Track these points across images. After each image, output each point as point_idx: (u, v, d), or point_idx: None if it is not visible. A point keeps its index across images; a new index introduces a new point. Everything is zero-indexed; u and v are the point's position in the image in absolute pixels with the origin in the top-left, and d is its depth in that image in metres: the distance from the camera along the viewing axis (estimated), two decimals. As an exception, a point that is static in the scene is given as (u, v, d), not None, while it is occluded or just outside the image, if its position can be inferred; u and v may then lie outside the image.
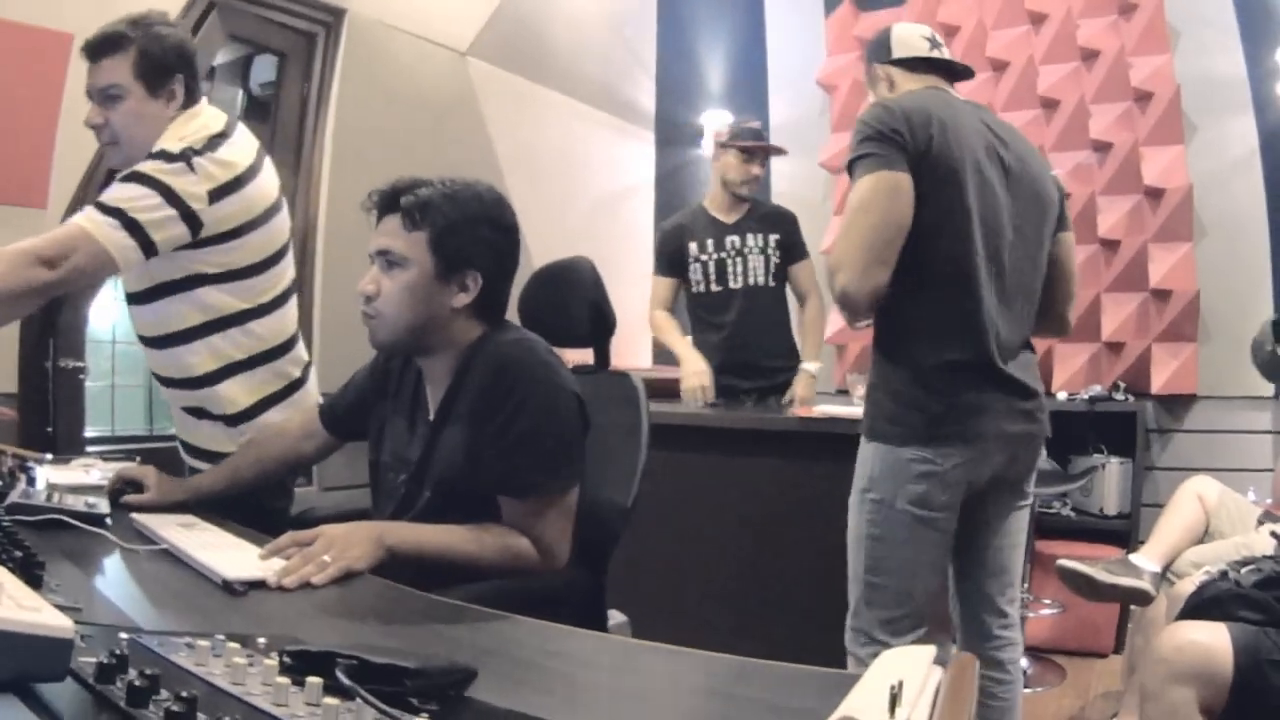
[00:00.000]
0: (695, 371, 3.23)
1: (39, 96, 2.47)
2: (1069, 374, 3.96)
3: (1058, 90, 4.00)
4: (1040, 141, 3.99)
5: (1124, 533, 3.70)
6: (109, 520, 1.53)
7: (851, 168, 1.87)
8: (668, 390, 3.30)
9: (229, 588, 1.20)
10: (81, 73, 2.49)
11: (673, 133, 4.84)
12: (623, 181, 4.81)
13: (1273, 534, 2.27)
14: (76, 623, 0.89)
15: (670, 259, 3.46)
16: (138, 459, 2.24)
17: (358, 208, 2.22)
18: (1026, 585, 3.49)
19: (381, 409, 1.82)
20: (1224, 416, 3.78)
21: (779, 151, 3.51)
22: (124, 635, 0.82)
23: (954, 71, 2.14)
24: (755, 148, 3.34)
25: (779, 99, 4.77)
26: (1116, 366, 3.90)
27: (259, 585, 1.23)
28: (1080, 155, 3.97)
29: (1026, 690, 3.34)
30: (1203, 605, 2.05)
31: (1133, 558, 2.78)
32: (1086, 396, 3.78)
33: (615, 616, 2.08)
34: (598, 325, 2.11)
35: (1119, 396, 3.78)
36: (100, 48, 1.86)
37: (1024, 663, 3.42)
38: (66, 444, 2.47)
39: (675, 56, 4.87)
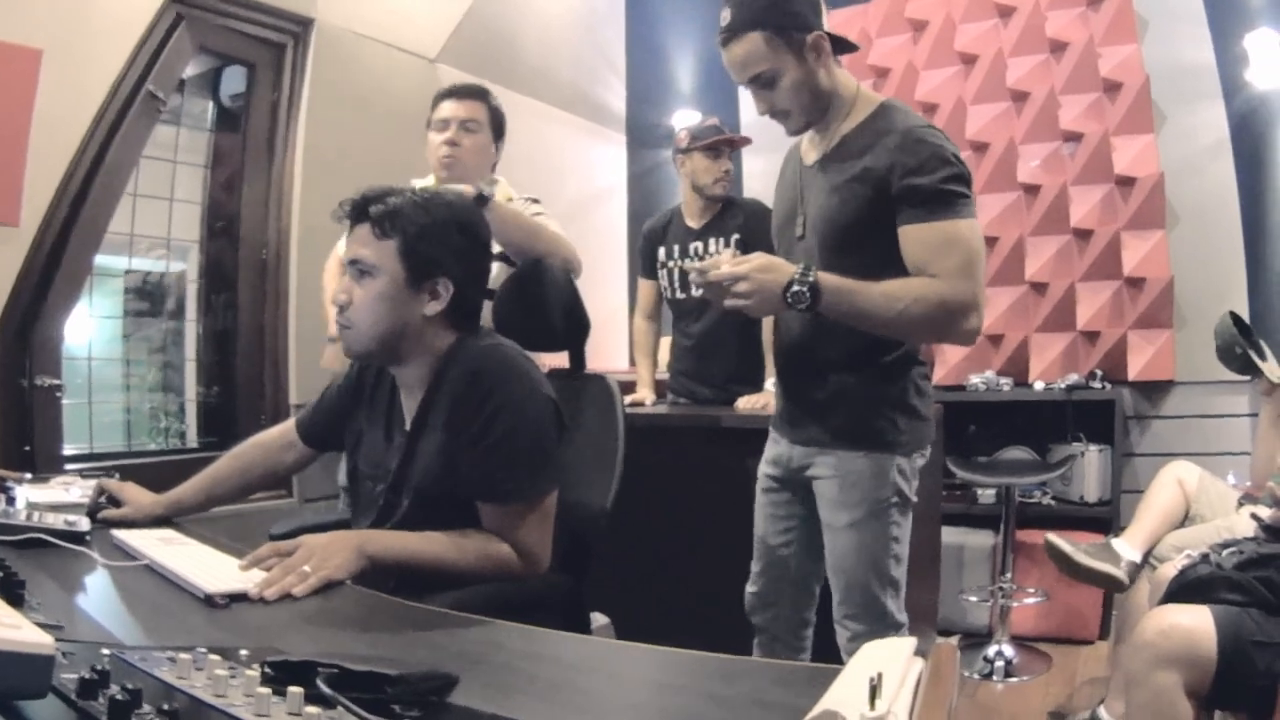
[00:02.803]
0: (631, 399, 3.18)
1: (9, 112, 2.46)
2: (1045, 363, 3.99)
3: (1027, 82, 4.02)
4: (1010, 134, 4.05)
5: (1105, 519, 3.73)
6: (89, 537, 1.54)
7: (955, 198, 1.79)
8: (646, 391, 3.33)
9: (210, 601, 1.21)
10: (52, 87, 2.51)
11: (644, 134, 4.83)
12: (595, 184, 4.80)
13: (1253, 516, 2.30)
14: (58, 640, 0.90)
15: (646, 262, 3.42)
16: (116, 475, 2.25)
17: (329, 217, 2.23)
18: (1010, 575, 3.52)
19: (358, 419, 1.83)
20: (1201, 401, 3.81)
21: (745, 141, 3.40)
22: (106, 651, 0.83)
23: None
24: (719, 142, 3.23)
25: (750, 98, 4.75)
26: (1093, 355, 3.93)
27: (240, 598, 1.23)
28: (1051, 146, 4.00)
29: (1012, 679, 3.37)
30: (1185, 588, 2.07)
31: (1114, 542, 2.81)
32: (1064, 386, 3.81)
33: (598, 619, 2.10)
34: (572, 329, 2.13)
35: (1096, 385, 3.80)
36: (469, 92, 2.56)
37: (1009, 652, 3.47)
38: (45, 463, 2.46)
39: (645, 58, 4.87)
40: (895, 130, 1.83)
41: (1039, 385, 3.90)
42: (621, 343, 4.65)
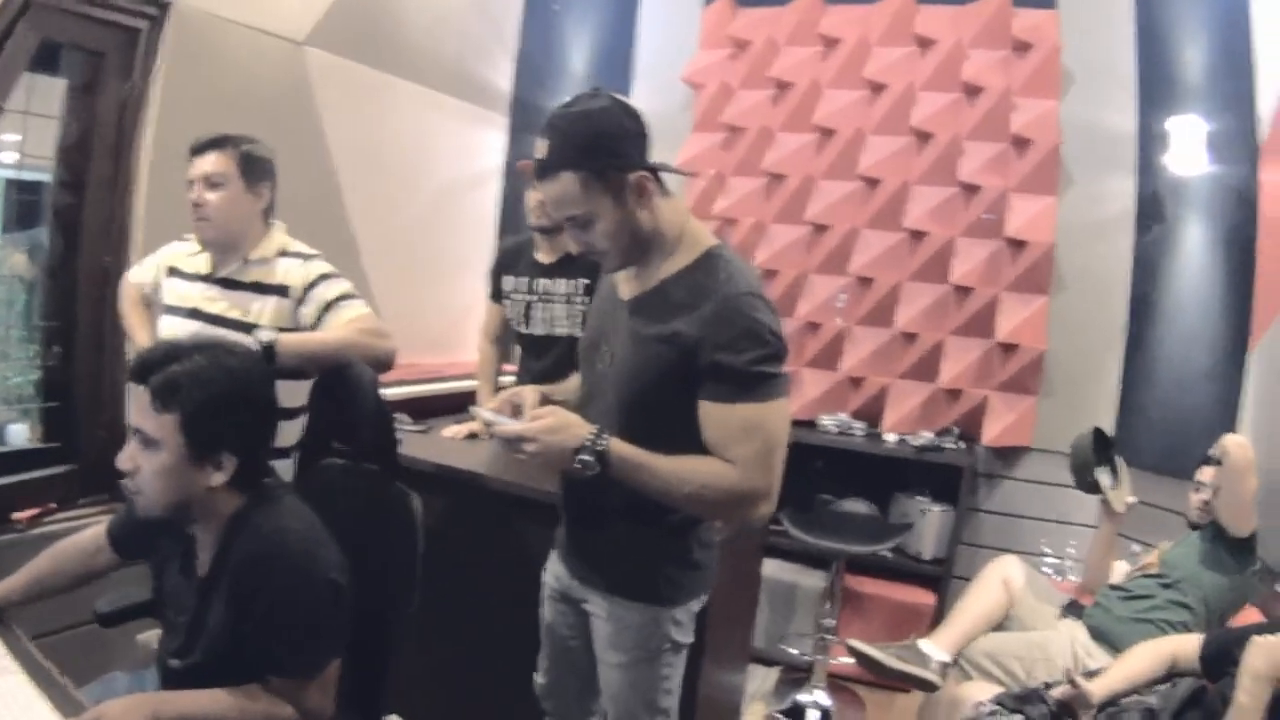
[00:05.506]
0: (457, 429, 3.40)
1: None
2: (902, 412, 4.28)
3: (933, 123, 4.18)
4: (906, 176, 4.23)
5: (937, 577, 4.12)
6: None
7: (761, 381, 1.86)
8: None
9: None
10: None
11: (528, 118, 4.86)
12: (471, 168, 4.85)
13: (1069, 676, 2.62)
14: None
15: (495, 285, 3.52)
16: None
17: (177, 207, 2.52)
18: (834, 622, 4.02)
19: (162, 543, 2.09)
20: (1055, 470, 4.09)
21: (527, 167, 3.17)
22: None
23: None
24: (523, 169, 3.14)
25: (643, 88, 4.87)
26: (952, 410, 4.22)
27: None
28: (945, 193, 4.19)
29: (822, 727, 3.91)
30: None
31: (923, 644, 3.17)
32: (915, 445, 4.12)
33: (391, 723, 2.46)
34: (381, 442, 2.45)
35: (949, 445, 4.13)
36: (209, 144, 2.64)
37: (824, 699, 3.99)
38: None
39: (539, 36, 4.88)
40: (713, 295, 1.88)
41: (891, 438, 4.20)
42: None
